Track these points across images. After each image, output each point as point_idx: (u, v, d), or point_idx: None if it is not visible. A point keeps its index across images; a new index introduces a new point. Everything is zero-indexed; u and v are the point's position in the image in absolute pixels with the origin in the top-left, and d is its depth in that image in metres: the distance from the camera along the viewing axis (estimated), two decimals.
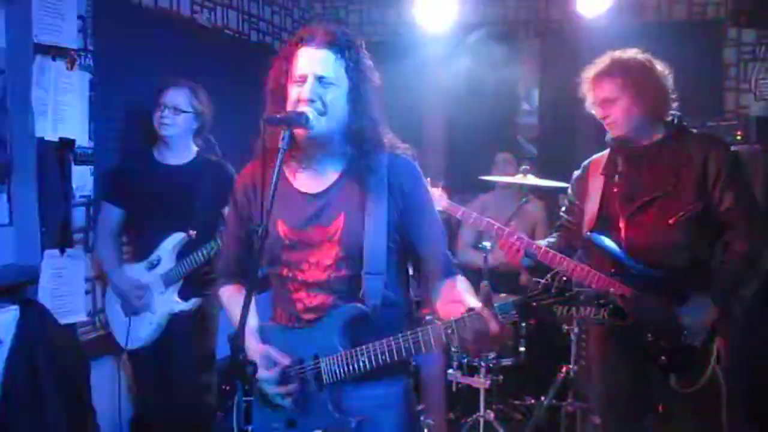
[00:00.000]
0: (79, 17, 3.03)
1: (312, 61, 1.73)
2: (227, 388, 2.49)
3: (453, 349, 3.51)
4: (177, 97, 3.01)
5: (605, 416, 2.73)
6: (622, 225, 2.49)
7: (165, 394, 3.06)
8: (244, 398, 1.53)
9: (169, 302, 3.01)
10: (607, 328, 2.59)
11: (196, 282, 3.02)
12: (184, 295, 3.01)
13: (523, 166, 3.80)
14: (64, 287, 2.98)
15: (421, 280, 1.90)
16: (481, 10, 4.65)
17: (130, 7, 3.38)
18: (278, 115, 1.68)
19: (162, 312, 3.01)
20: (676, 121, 2.51)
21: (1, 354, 2.65)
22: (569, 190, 2.77)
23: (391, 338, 1.67)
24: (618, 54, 2.52)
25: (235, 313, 1.89)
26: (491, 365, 3.49)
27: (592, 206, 2.59)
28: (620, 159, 2.57)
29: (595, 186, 2.61)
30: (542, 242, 2.66)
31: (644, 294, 2.39)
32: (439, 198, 2.76)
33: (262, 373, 1.73)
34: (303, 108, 1.69)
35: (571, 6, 4.33)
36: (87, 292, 3.16)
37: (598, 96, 2.50)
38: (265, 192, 1.60)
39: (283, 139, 1.62)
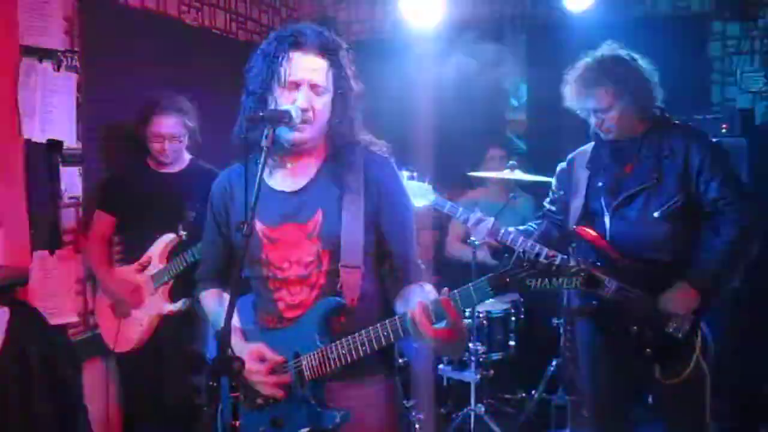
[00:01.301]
0: (66, 18, 3.04)
1: (306, 68, 1.73)
2: (214, 384, 2.43)
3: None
4: (170, 126, 3.01)
5: (592, 409, 2.76)
6: (607, 218, 2.52)
7: (155, 395, 3.07)
8: (230, 394, 1.55)
9: (159, 303, 3.01)
10: (593, 321, 2.61)
11: (186, 283, 3.01)
12: (173, 297, 3.02)
13: (511, 162, 3.82)
14: (54, 288, 2.99)
15: (387, 277, 1.87)
16: (467, 8, 4.67)
17: (116, 7, 3.38)
18: (261, 113, 1.68)
19: (152, 313, 3.01)
20: (658, 113, 2.53)
21: None
22: (553, 181, 2.80)
23: (369, 328, 1.68)
24: (601, 56, 2.51)
25: (216, 314, 1.93)
26: (481, 359, 3.51)
27: (577, 200, 2.62)
28: (605, 152, 2.59)
29: (580, 179, 2.63)
30: (521, 228, 2.70)
31: (629, 286, 2.42)
32: (426, 192, 2.78)
33: (256, 367, 1.74)
34: (287, 106, 1.70)
35: (557, 1, 4.35)
36: (77, 293, 3.17)
37: (588, 105, 2.51)
38: (248, 191, 1.61)
39: (266, 137, 1.63)
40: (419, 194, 2.75)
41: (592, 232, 2.53)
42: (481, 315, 3.61)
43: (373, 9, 5.25)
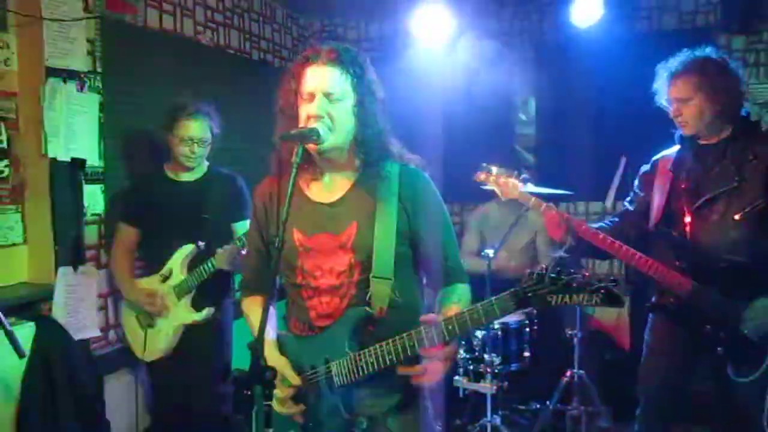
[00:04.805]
0: (88, 41, 3.12)
1: (319, 78, 1.80)
2: (248, 392, 2.48)
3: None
4: (200, 130, 3.03)
5: (647, 401, 2.74)
6: (687, 220, 2.55)
7: (181, 404, 3.11)
8: (264, 402, 1.59)
9: (183, 313, 3.05)
10: (668, 316, 2.64)
11: (209, 292, 3.07)
12: (197, 306, 3.06)
13: (523, 175, 3.86)
14: (77, 303, 3.04)
15: (432, 286, 1.97)
16: (477, 23, 4.74)
17: (136, 29, 3.46)
18: (291, 132, 1.76)
19: (176, 323, 3.05)
20: (744, 117, 2.55)
21: (21, 368, 2.71)
22: (636, 182, 2.82)
23: (397, 338, 1.73)
24: (693, 53, 2.56)
25: (255, 322, 1.97)
26: (497, 371, 3.54)
27: (658, 200, 2.65)
28: (689, 156, 2.62)
29: (663, 181, 2.67)
30: (595, 225, 2.71)
31: (707, 286, 2.46)
32: (512, 188, 2.84)
33: (276, 392, 1.79)
34: (313, 124, 1.77)
35: (564, 17, 4.42)
36: (99, 308, 3.22)
37: (672, 94, 2.55)
38: (281, 204, 1.67)
39: (296, 153, 1.70)
40: (508, 188, 2.83)
41: (673, 232, 2.57)
42: (496, 327, 3.64)
43: (382, 26, 5.34)
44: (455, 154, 4.57)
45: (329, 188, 1.90)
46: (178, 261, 3.05)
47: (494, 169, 2.85)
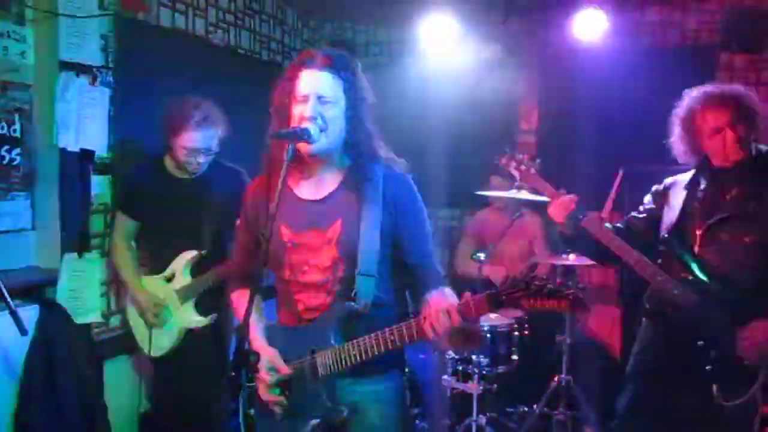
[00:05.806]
0: (102, 36, 3.24)
1: (313, 82, 1.90)
2: (233, 374, 2.56)
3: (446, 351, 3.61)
4: (203, 141, 2.95)
5: (630, 412, 2.73)
6: (697, 238, 2.55)
7: (179, 396, 3.15)
8: (247, 384, 1.69)
9: (186, 317, 3.08)
10: (660, 325, 2.64)
11: (213, 297, 3.07)
12: (200, 310, 3.08)
13: (518, 182, 3.92)
14: (80, 289, 3.15)
15: (411, 289, 2.05)
16: (482, 32, 4.83)
17: (148, 27, 3.57)
18: (283, 131, 1.86)
19: (180, 326, 3.08)
20: (757, 144, 2.56)
21: (23, 348, 2.82)
22: (647, 197, 2.83)
23: (379, 332, 1.83)
24: (721, 84, 2.63)
25: (242, 312, 2.08)
26: (484, 372, 3.61)
27: (670, 215, 2.66)
28: (705, 178, 2.63)
29: (676, 199, 2.67)
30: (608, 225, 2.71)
31: (707, 303, 2.45)
32: (533, 176, 2.83)
33: (264, 377, 1.89)
34: (306, 124, 1.86)
35: (568, 30, 4.50)
36: (102, 295, 3.32)
37: (721, 121, 2.51)
38: (271, 200, 1.77)
39: (287, 152, 1.79)
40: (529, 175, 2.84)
41: (682, 246, 2.56)
42: (485, 329, 3.71)
43: (390, 32, 5.44)
44: (457, 161, 4.66)
45: (317, 186, 1.99)
46: (180, 265, 3.07)
47: (517, 155, 2.90)
